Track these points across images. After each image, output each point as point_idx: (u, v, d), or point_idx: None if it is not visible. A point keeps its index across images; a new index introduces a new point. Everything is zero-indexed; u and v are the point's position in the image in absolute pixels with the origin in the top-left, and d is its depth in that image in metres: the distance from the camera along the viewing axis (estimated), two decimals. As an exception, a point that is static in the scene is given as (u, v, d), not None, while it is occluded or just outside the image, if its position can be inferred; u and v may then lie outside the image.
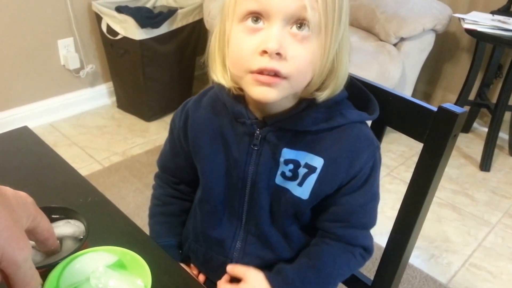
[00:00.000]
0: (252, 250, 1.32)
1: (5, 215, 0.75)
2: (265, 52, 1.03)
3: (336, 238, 1.26)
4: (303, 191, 1.20)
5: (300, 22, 1.03)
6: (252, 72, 1.06)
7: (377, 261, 1.41)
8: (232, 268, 1.30)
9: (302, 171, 1.19)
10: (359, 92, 1.25)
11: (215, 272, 1.39)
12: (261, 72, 1.05)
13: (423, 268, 2.74)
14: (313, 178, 1.18)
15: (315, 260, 1.25)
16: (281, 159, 1.20)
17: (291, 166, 1.20)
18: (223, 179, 1.29)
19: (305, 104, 1.16)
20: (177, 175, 1.49)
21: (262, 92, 1.07)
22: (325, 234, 1.28)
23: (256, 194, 1.26)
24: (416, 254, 2.83)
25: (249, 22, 1.06)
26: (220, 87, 1.23)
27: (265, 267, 1.31)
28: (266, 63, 1.03)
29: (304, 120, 1.16)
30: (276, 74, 1.04)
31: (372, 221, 1.29)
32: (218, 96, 1.27)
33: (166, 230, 1.49)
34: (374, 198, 1.26)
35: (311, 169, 1.18)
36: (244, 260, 1.32)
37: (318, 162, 1.18)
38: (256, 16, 1.05)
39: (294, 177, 1.20)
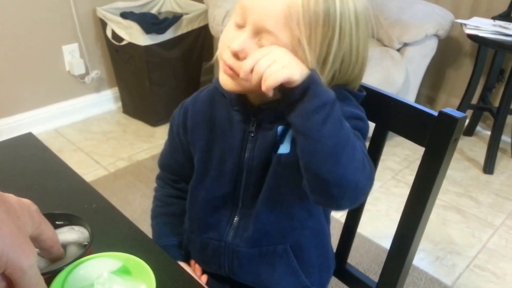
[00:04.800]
0: (245, 233, 1.35)
1: (9, 222, 0.76)
2: None
3: None
4: (284, 146, 1.24)
5: (267, 35, 1.09)
6: (222, 60, 1.16)
7: (382, 263, 1.42)
8: None
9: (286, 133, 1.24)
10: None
11: (211, 259, 1.42)
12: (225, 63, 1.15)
13: (428, 270, 2.74)
14: (291, 131, 1.22)
15: None
16: (278, 138, 1.24)
17: (284, 137, 1.24)
18: (219, 167, 1.33)
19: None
20: (176, 172, 1.54)
21: (223, 80, 1.18)
22: None
23: (254, 178, 1.29)
24: (421, 257, 2.84)
25: (238, 18, 1.13)
26: None
27: (257, 248, 1.35)
28: (227, 57, 1.13)
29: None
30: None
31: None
32: (217, 88, 1.33)
33: (168, 230, 1.53)
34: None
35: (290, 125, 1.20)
36: (236, 241, 1.36)
37: None
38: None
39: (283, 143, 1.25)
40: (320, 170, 1.05)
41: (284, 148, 1.23)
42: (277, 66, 1.01)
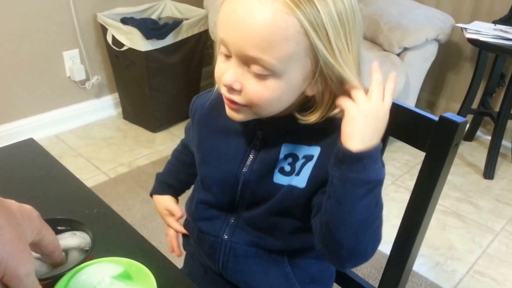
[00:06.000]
0: (242, 233, 1.35)
1: (9, 229, 0.76)
2: None
3: None
4: (300, 179, 1.21)
5: (253, 63, 1.06)
6: (222, 92, 1.15)
7: (382, 269, 1.42)
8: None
9: (300, 162, 1.21)
10: None
11: (206, 252, 1.43)
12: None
13: (428, 276, 2.74)
14: (310, 166, 1.20)
15: None
16: (281, 156, 1.22)
17: (290, 159, 1.22)
18: (218, 172, 1.32)
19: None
20: (187, 145, 1.60)
21: (230, 113, 1.17)
22: None
23: (249, 191, 1.28)
24: (421, 262, 2.84)
25: (223, 49, 1.11)
26: None
27: (255, 247, 1.35)
28: (225, 91, 1.13)
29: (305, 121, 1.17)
30: (235, 102, 1.12)
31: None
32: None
33: (172, 170, 1.68)
34: None
35: (308, 158, 1.20)
36: (234, 239, 1.36)
37: (315, 150, 1.20)
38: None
39: (292, 171, 1.22)
40: (338, 234, 1.09)
41: (299, 182, 1.21)
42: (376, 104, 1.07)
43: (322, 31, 1.02)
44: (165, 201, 1.62)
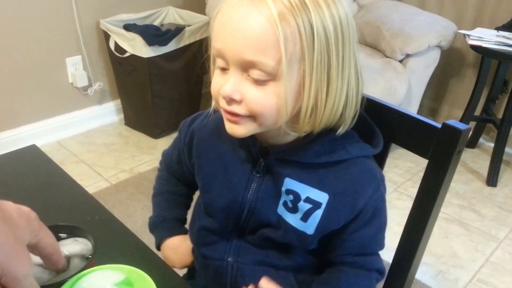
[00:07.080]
0: (247, 253, 1.33)
1: (6, 230, 0.76)
2: None
3: (352, 266, 1.27)
4: (308, 226, 1.20)
5: (253, 68, 1.04)
6: (221, 108, 1.14)
7: (384, 277, 1.41)
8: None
9: (303, 205, 1.19)
10: (364, 123, 1.24)
11: (213, 278, 1.40)
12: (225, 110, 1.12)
13: (431, 284, 2.73)
14: (318, 213, 1.19)
15: None
16: (283, 189, 1.21)
17: (291, 197, 1.20)
18: (222, 200, 1.30)
19: (308, 138, 1.17)
20: (179, 177, 1.56)
21: (230, 128, 1.14)
22: (340, 263, 1.28)
23: (254, 218, 1.27)
24: (424, 270, 2.83)
25: (219, 62, 1.12)
26: None
27: (261, 265, 1.33)
28: (224, 105, 1.11)
29: (307, 152, 1.17)
30: (237, 114, 1.10)
31: (382, 246, 1.28)
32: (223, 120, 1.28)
33: (173, 205, 1.57)
34: (383, 227, 1.26)
35: (315, 204, 1.18)
36: (240, 260, 1.34)
37: (322, 197, 1.18)
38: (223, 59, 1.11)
39: (294, 209, 1.20)
40: None
41: (307, 228, 1.21)
42: None
43: (320, 35, 1.02)
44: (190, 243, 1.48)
